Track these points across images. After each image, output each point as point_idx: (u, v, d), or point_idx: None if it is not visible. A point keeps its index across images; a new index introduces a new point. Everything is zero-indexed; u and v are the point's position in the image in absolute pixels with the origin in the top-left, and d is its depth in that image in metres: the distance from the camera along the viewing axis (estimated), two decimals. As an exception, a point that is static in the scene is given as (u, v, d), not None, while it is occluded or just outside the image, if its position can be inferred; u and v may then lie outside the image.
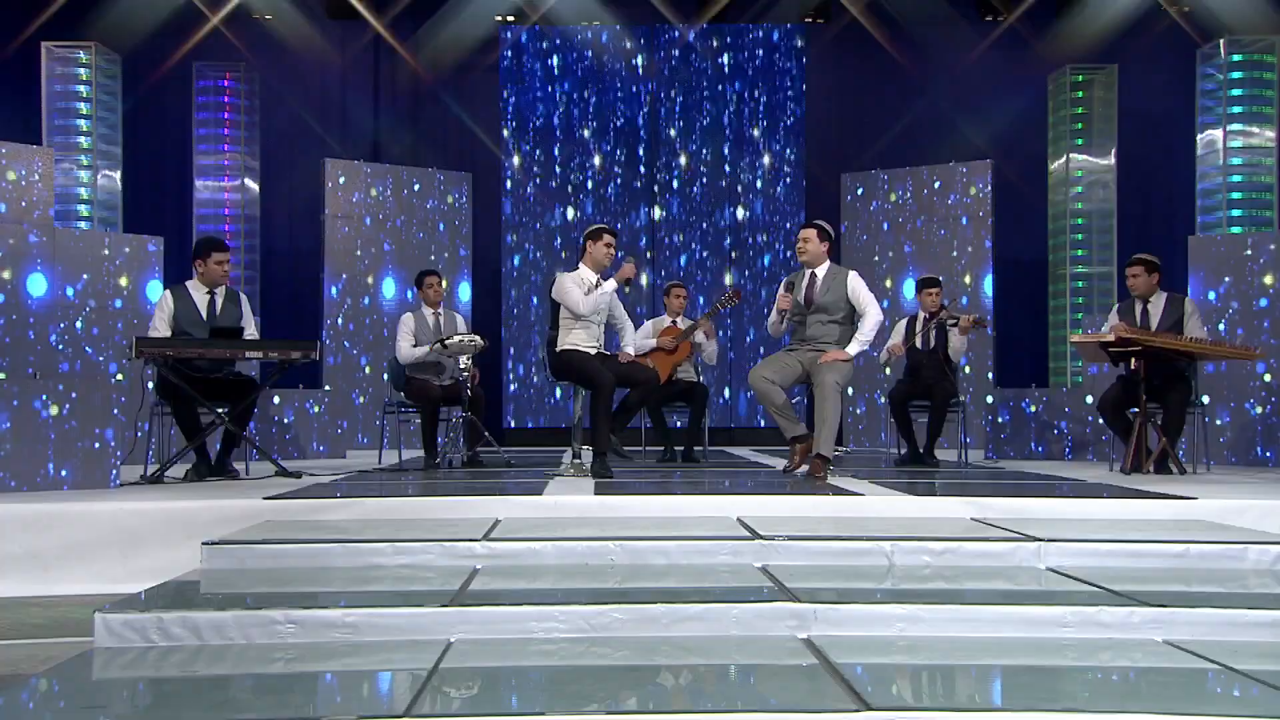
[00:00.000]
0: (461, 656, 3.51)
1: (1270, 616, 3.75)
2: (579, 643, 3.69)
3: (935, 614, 3.83)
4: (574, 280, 7.34)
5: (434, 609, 3.76)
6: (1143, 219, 13.02)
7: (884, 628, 3.79)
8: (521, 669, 3.50)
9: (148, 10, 12.52)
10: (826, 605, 3.82)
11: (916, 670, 3.50)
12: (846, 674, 3.25)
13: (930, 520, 5.45)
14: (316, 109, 13.47)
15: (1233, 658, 3.46)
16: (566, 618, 3.76)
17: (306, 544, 4.67)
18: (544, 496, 5.78)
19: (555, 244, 13.01)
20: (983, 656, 3.59)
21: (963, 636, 3.76)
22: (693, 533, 4.92)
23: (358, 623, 3.69)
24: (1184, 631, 3.73)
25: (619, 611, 3.79)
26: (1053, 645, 3.69)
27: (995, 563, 4.69)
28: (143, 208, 12.68)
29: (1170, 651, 3.58)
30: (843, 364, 7.08)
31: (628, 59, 13.12)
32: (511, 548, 4.69)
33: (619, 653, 3.60)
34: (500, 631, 3.73)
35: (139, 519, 5.38)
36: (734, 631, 3.78)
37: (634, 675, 3.42)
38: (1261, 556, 4.66)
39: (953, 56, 13.26)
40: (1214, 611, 3.79)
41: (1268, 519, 5.45)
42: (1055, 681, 3.41)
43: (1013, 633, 3.78)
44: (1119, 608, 3.80)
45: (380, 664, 3.45)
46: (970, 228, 11.78)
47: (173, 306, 7.28)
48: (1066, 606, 3.83)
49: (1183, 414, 7.71)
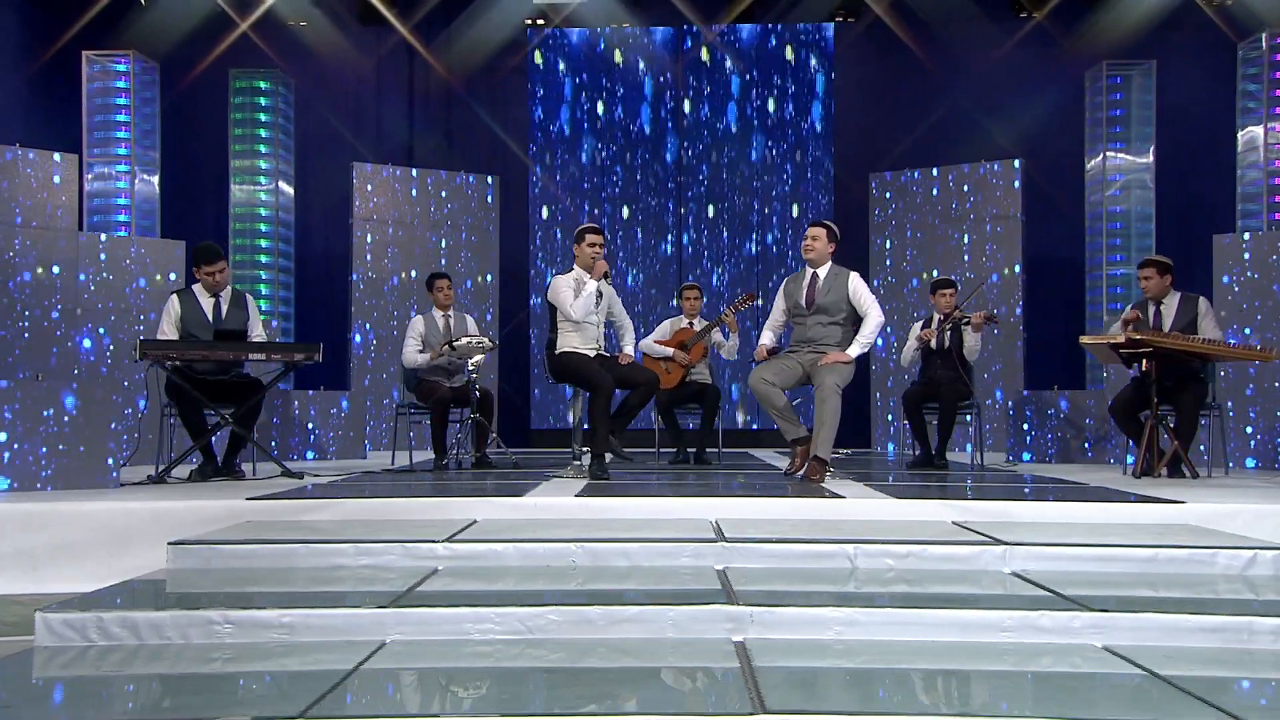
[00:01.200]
0: (389, 658, 3.54)
1: (1213, 622, 3.69)
2: (514, 644, 3.71)
3: (872, 617, 3.81)
4: (566, 283, 7.36)
5: (371, 610, 3.79)
6: (1182, 218, 12.79)
7: (820, 631, 3.78)
8: (440, 670, 3.51)
9: (183, 18, 12.73)
10: (763, 608, 3.82)
11: (836, 673, 3.47)
12: (761, 676, 3.24)
13: (907, 524, 5.40)
14: (348, 113, 13.61)
15: (1165, 664, 3.41)
16: (502, 620, 3.78)
17: (271, 544, 4.73)
18: (524, 498, 5.80)
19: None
20: (912, 660, 3.55)
21: (898, 640, 3.74)
22: (658, 535, 4.91)
23: (294, 623, 3.73)
24: (1125, 637, 3.68)
25: (555, 614, 3.81)
26: (989, 649, 3.66)
27: (959, 566, 4.65)
28: (180, 212, 12.87)
29: (1105, 657, 3.54)
30: (843, 366, 7.05)
31: (653, 60, 13.14)
32: (473, 549, 4.72)
33: (554, 654, 3.61)
34: (436, 633, 3.76)
35: (126, 519, 5.47)
36: (670, 634, 3.79)
37: (551, 677, 3.43)
38: (1232, 562, 4.58)
39: (982, 54, 13.13)
40: (1155, 617, 3.73)
41: (1258, 524, 5.35)
42: (970, 685, 3.38)
43: (950, 636, 3.75)
44: (1059, 612, 3.76)
45: (305, 665, 3.48)
46: (1000, 228, 11.66)
47: (179, 310, 7.40)
48: (1005, 611, 3.79)
49: (1195, 416, 7.57)
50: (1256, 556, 4.57)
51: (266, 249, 12.56)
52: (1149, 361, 7.43)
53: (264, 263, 12.54)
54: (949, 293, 8.56)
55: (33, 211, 8.52)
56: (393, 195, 11.95)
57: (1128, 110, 12.39)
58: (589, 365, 7.17)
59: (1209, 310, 7.80)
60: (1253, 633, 3.66)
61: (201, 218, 13.09)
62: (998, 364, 11.59)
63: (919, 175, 12.15)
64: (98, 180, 12.15)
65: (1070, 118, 12.63)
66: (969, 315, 8.37)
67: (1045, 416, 9.64)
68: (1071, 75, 12.65)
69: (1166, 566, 4.59)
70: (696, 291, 9.22)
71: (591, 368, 7.15)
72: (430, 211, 12.08)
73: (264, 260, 12.55)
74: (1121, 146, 12.37)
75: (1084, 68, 12.47)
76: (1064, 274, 12.81)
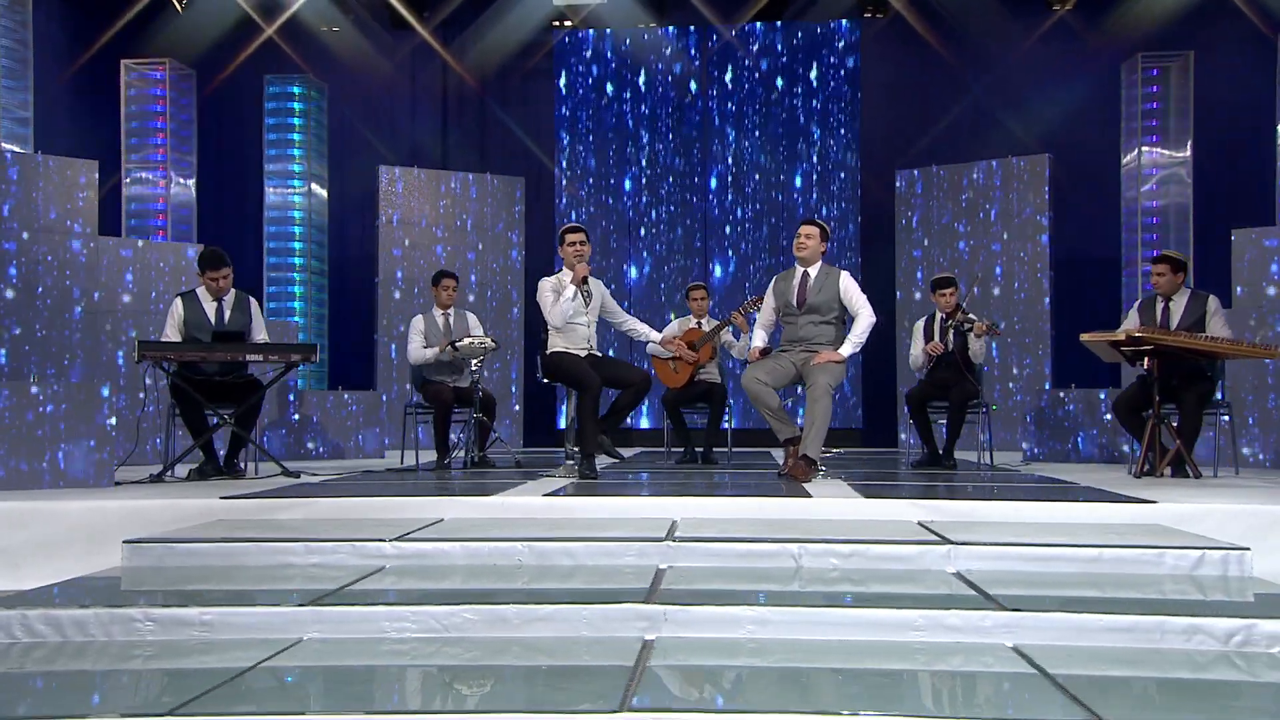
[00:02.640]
0: (296, 656, 3.59)
1: (1124, 621, 3.65)
2: (430, 643, 3.75)
3: (785, 616, 3.81)
4: (551, 286, 7.38)
5: (289, 609, 3.86)
6: (1220, 214, 12.55)
7: (733, 629, 3.79)
8: (345, 669, 3.56)
9: (217, 23, 12.98)
10: (677, 607, 3.83)
11: (729, 671, 3.48)
12: (647, 675, 3.26)
13: (867, 523, 5.37)
14: (376, 116, 13.80)
15: (1063, 663, 3.39)
16: (418, 618, 3.83)
17: (222, 543, 4.82)
18: (492, 498, 5.84)
19: (610, 245, 13.10)
20: (815, 659, 3.55)
21: (809, 639, 3.74)
22: (607, 534, 4.94)
23: (213, 621, 3.81)
24: (1034, 636, 3.66)
25: (470, 612, 3.85)
26: (896, 648, 3.64)
27: (902, 565, 4.62)
28: (215, 215, 13.13)
29: (1009, 657, 3.51)
30: (835, 365, 7.04)
31: (676, 59, 13.17)
32: (420, 548, 4.77)
33: (469, 653, 3.66)
34: (352, 631, 3.81)
35: (104, 517, 5.56)
36: (584, 633, 3.81)
37: (450, 674, 3.47)
38: (1179, 562, 4.51)
39: (1011, 48, 12.98)
40: (1066, 616, 3.70)
41: (1228, 525, 5.24)
42: (851, 683, 3.35)
43: (860, 635, 3.74)
44: (970, 611, 3.74)
45: (211, 663, 3.53)
46: (1028, 225, 11.53)
47: (182, 313, 7.55)
48: (917, 610, 3.77)
49: (1199, 415, 7.44)
50: (1204, 557, 4.51)
51: (300, 250, 12.77)
52: (1150, 360, 7.32)
53: (297, 265, 12.74)
54: (949, 291, 8.46)
55: (54, 217, 8.70)
56: (419, 197, 12.07)
57: (1165, 103, 12.18)
58: (578, 365, 7.20)
59: (1218, 308, 7.66)
60: (1163, 632, 3.62)
61: (236, 221, 13.33)
62: (1027, 359, 11.47)
63: (946, 171, 12.05)
64: (135, 185, 12.44)
65: (1102, 112, 12.46)
66: (971, 320, 8.26)
67: (1062, 416, 9.53)
68: (1103, 68, 12.48)
69: (1111, 566, 4.54)
70: (703, 291, 9.23)
71: (580, 367, 7.18)
72: (456, 213, 12.19)
73: (297, 262, 12.75)
74: (1158, 140, 12.17)
75: (1115, 61, 12.29)
76: (1098, 271, 12.62)
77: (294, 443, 10.01)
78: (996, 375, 11.62)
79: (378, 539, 4.79)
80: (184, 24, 12.88)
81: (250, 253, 12.92)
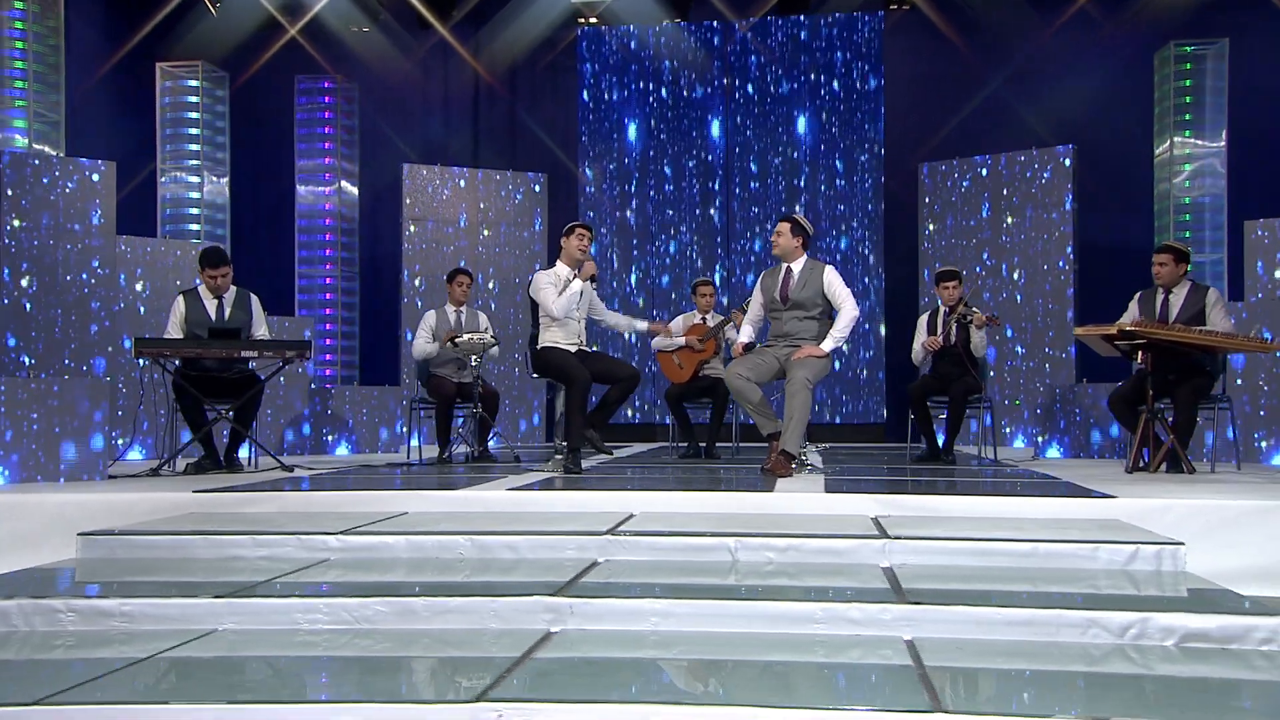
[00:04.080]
0: (203, 646, 3.68)
1: (1022, 615, 3.66)
2: (341, 634, 3.83)
3: (689, 609, 3.84)
4: (549, 279, 7.46)
5: (205, 600, 3.94)
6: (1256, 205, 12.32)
7: (638, 622, 3.83)
8: (241, 659, 3.63)
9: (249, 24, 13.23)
10: (583, 600, 3.88)
11: (621, 663, 3.51)
12: (530, 667, 3.32)
13: (822, 518, 5.39)
14: (403, 115, 13.96)
15: (951, 656, 3.41)
16: (330, 610, 3.91)
17: (174, 536, 4.93)
18: (457, 492, 5.93)
19: (631, 242, 13.17)
20: (711, 651, 3.58)
21: (712, 631, 3.76)
22: (550, 528, 4.99)
23: (133, 612, 3.91)
24: (932, 629, 3.67)
25: (382, 604, 3.92)
26: (796, 641, 3.66)
27: (836, 560, 4.63)
28: (247, 213, 13.38)
29: (900, 649, 3.51)
30: (817, 360, 7.04)
31: (698, 55, 13.18)
32: (365, 541, 4.86)
33: (380, 645, 3.73)
34: (266, 622, 3.90)
35: (80, 510, 5.67)
36: (491, 625, 3.87)
37: (340, 665, 3.54)
38: (1114, 557, 4.49)
39: (1037, 36, 12.82)
40: (965, 610, 3.70)
41: (1187, 521, 5.17)
42: (728, 675, 3.37)
43: (763, 628, 3.77)
44: (870, 605, 3.75)
45: (120, 653, 3.62)
46: (1054, 215, 11.40)
47: (183, 310, 7.72)
48: (819, 603, 3.79)
49: (1193, 410, 7.33)
50: (1139, 551, 4.48)
51: (331, 246, 12.97)
52: (1144, 354, 7.24)
53: (329, 261, 12.94)
54: (952, 284, 8.41)
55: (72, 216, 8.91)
56: (443, 194, 12.20)
57: (1200, 92, 11.99)
58: (567, 360, 7.26)
59: (1218, 301, 7.55)
60: (1060, 625, 3.62)
61: (268, 218, 13.57)
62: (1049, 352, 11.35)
63: (970, 164, 11.94)
64: (171, 184, 12.71)
65: (1132, 101, 12.29)
66: (972, 313, 8.21)
67: (1075, 411, 9.44)
68: (1134, 57, 12.30)
69: (1045, 561, 4.52)
70: (710, 287, 9.24)
71: (569, 362, 7.24)
72: (479, 209, 12.30)
73: (329, 259, 12.95)
74: (1192, 130, 11.98)
75: (1145, 49, 12.10)
76: (1130, 264, 12.41)
77: (314, 437, 10.18)
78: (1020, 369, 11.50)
79: (324, 532, 4.88)
80: (215, 25, 13.12)
81: (283, 250, 13.15)
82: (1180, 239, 12.03)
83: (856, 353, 12.79)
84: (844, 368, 12.76)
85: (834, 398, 12.77)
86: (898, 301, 12.66)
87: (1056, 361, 11.23)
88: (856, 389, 12.80)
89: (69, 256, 8.87)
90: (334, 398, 10.40)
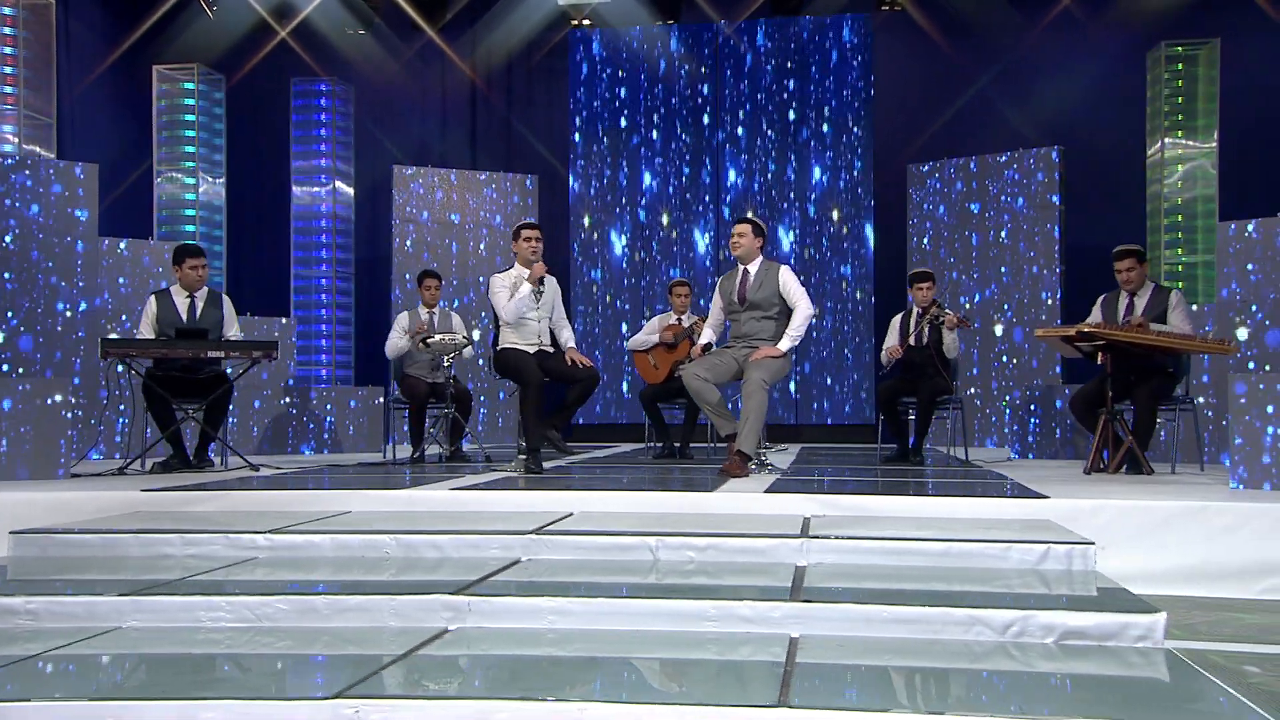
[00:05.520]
0: (101, 643, 3.74)
1: (909, 613, 3.69)
2: (242, 632, 3.89)
3: (585, 607, 3.88)
4: (503, 282, 7.53)
5: (111, 598, 4.00)
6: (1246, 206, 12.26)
7: (535, 620, 3.88)
8: (138, 656, 3.69)
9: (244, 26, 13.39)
10: (481, 598, 3.93)
11: (511, 661, 3.54)
12: (408, 663, 3.38)
13: (757, 517, 5.43)
14: (395, 116, 14.07)
15: (835, 653, 3.46)
16: (232, 608, 3.97)
17: (106, 534, 5.01)
18: (399, 491, 6.00)
19: (621, 241, 13.22)
20: (605, 648, 3.62)
21: (607, 629, 3.81)
22: (474, 528, 5.05)
23: (38, 610, 3.98)
24: (820, 627, 3.71)
25: (282, 602, 3.98)
26: (687, 638, 3.71)
27: (756, 559, 4.68)
28: (243, 214, 13.52)
29: (783, 646, 3.55)
30: (773, 361, 7.06)
31: (687, 57, 13.23)
32: (292, 540, 4.92)
33: (281, 642, 3.79)
34: (170, 620, 3.96)
35: (30, 509, 5.75)
36: (391, 623, 3.93)
37: (224, 662, 3.61)
38: (1025, 556, 4.52)
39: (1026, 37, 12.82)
40: (853, 608, 3.74)
41: (1118, 521, 5.19)
42: (619, 670, 3.44)
43: (657, 625, 3.81)
44: (761, 603, 3.80)
45: (16, 650, 3.68)
46: (1040, 217, 11.41)
47: (155, 310, 7.83)
48: (711, 600, 3.84)
49: (1152, 411, 7.34)
50: (1049, 551, 4.51)
51: (326, 247, 13.08)
52: (1104, 355, 7.25)
53: (324, 261, 13.05)
54: (926, 286, 8.43)
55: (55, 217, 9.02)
56: (434, 195, 12.30)
57: (1191, 93, 11.96)
58: (522, 361, 7.33)
59: (1180, 302, 7.55)
60: (945, 624, 3.65)
61: (263, 219, 13.69)
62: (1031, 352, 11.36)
63: (958, 164, 11.96)
64: (166, 185, 12.86)
65: (1122, 102, 12.26)
66: (945, 314, 8.24)
67: (1049, 412, 9.44)
68: (1125, 58, 12.28)
69: (957, 560, 4.55)
70: (686, 288, 9.29)
71: (524, 364, 7.30)
72: (470, 210, 12.39)
73: (324, 259, 13.07)
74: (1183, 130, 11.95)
75: (1136, 50, 12.09)
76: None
77: (294, 436, 10.28)
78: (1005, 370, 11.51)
79: (253, 531, 4.95)
80: (210, 27, 13.27)
81: (279, 251, 13.27)
82: (1171, 240, 12.04)
83: (844, 353, 12.81)
84: (833, 368, 12.78)
85: (824, 398, 12.80)
86: (886, 301, 12.67)
87: (1043, 362, 11.24)
88: (845, 390, 12.81)
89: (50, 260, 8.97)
90: (316, 399, 10.49)
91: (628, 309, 13.12)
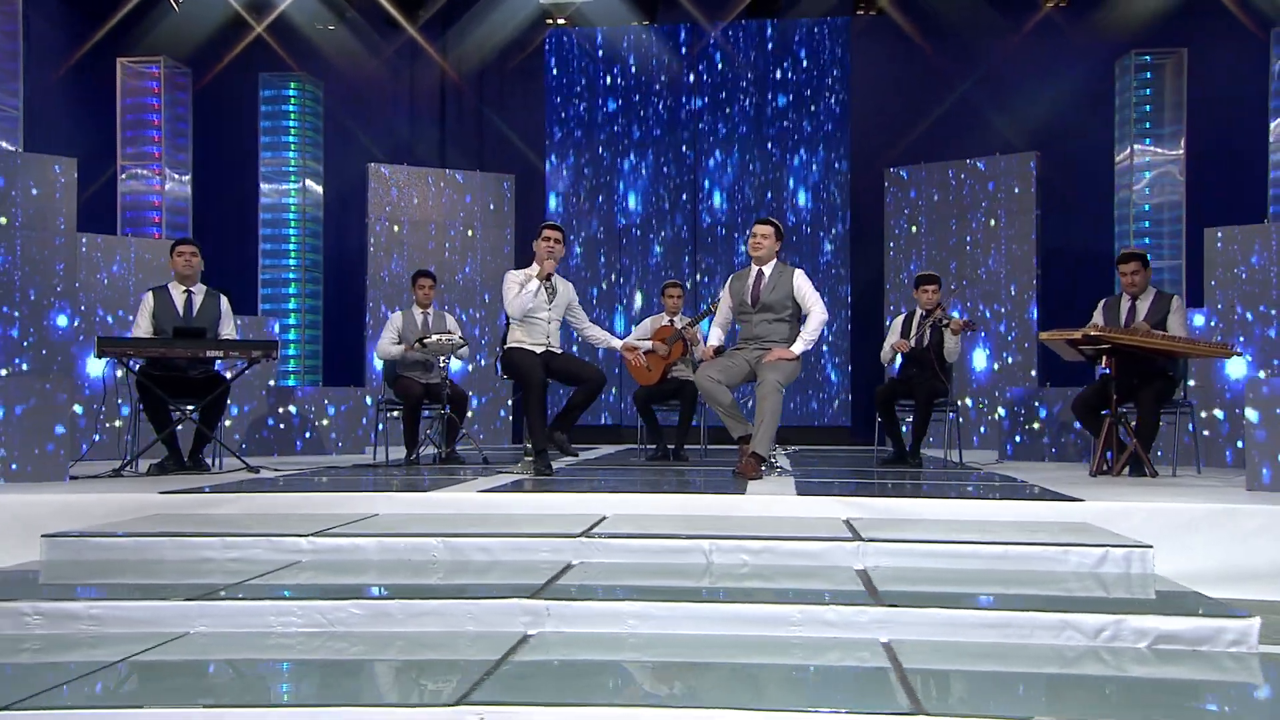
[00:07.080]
0: (176, 650, 3.64)
1: (996, 617, 3.68)
2: (315, 637, 3.81)
3: (667, 611, 3.84)
4: (514, 279, 7.46)
5: (178, 603, 3.90)
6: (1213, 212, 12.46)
7: (615, 625, 3.82)
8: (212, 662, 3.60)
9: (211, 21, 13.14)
10: (561, 602, 3.87)
11: (592, 666, 3.51)
12: (508, 670, 3.32)
13: (794, 520, 5.41)
14: (369, 114, 13.91)
15: (931, 658, 3.43)
16: (304, 612, 3.88)
17: (141, 538, 4.88)
18: (427, 494, 5.92)
19: (599, 241, 13.18)
20: (685, 653, 3.58)
21: (691, 634, 3.77)
22: (522, 530, 4.99)
23: (102, 615, 3.87)
24: (908, 632, 3.69)
25: (356, 607, 3.90)
26: (773, 643, 3.67)
27: (810, 562, 4.65)
28: (210, 211, 13.26)
29: (877, 651, 3.53)
30: (787, 363, 7.06)
31: (665, 57, 13.21)
32: (336, 544, 4.82)
33: (355, 648, 3.71)
34: (239, 625, 3.86)
35: (40, 510, 5.62)
36: (468, 627, 3.86)
37: (311, 668, 3.53)
38: (1084, 559, 4.53)
39: (1003, 43, 12.93)
40: (940, 612, 3.72)
41: (1149, 523, 5.24)
42: (701, 678, 3.39)
43: (741, 630, 3.78)
44: (846, 607, 3.77)
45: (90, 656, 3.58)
46: (1017, 222, 11.51)
47: (152, 306, 7.67)
48: (796, 605, 3.81)
49: (1155, 414, 7.41)
50: (1108, 554, 4.52)
51: (294, 246, 12.88)
52: (1109, 358, 7.32)
53: (292, 261, 12.86)
54: (931, 288, 8.46)
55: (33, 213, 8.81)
56: (409, 194, 12.17)
57: (1159, 101, 12.10)
58: (525, 361, 7.26)
59: (1180, 307, 7.65)
60: (1034, 628, 3.65)
61: (231, 217, 13.45)
62: (1009, 357, 11.45)
63: (935, 169, 12.04)
64: (131, 182, 12.59)
65: (1094, 109, 12.40)
66: (949, 318, 8.27)
67: (1038, 415, 9.52)
68: (1096, 65, 12.41)
69: (1018, 564, 4.56)
70: (679, 289, 9.26)
71: (527, 364, 7.24)
72: (447, 210, 12.28)
73: (292, 259, 12.87)
74: (1151, 138, 12.09)
75: (1107, 58, 12.21)
76: (1092, 269, 12.54)
77: (277, 438, 10.11)
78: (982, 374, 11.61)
79: (295, 534, 4.85)
80: (177, 21, 13.02)
81: (248, 249, 13.06)
82: (1140, 245, 12.18)
83: (822, 356, 12.84)
84: (811, 370, 12.81)
85: (801, 401, 12.82)
86: (863, 305, 12.74)
87: (1020, 365, 11.34)
88: (822, 392, 12.85)
89: (29, 253, 8.77)
90: (298, 401, 10.33)
91: (603, 314, 13.05)
